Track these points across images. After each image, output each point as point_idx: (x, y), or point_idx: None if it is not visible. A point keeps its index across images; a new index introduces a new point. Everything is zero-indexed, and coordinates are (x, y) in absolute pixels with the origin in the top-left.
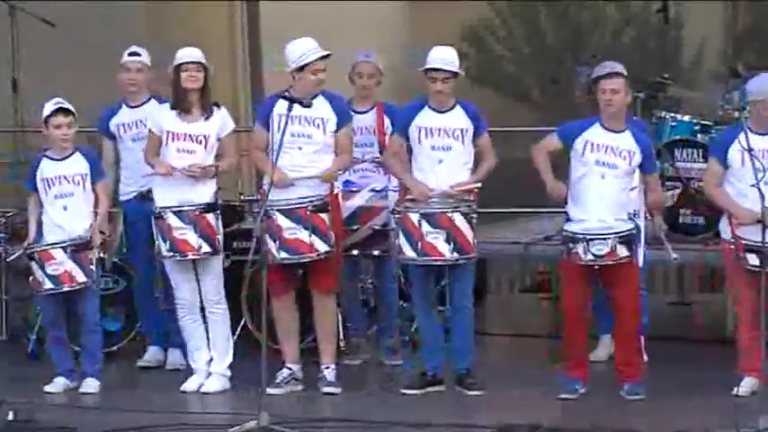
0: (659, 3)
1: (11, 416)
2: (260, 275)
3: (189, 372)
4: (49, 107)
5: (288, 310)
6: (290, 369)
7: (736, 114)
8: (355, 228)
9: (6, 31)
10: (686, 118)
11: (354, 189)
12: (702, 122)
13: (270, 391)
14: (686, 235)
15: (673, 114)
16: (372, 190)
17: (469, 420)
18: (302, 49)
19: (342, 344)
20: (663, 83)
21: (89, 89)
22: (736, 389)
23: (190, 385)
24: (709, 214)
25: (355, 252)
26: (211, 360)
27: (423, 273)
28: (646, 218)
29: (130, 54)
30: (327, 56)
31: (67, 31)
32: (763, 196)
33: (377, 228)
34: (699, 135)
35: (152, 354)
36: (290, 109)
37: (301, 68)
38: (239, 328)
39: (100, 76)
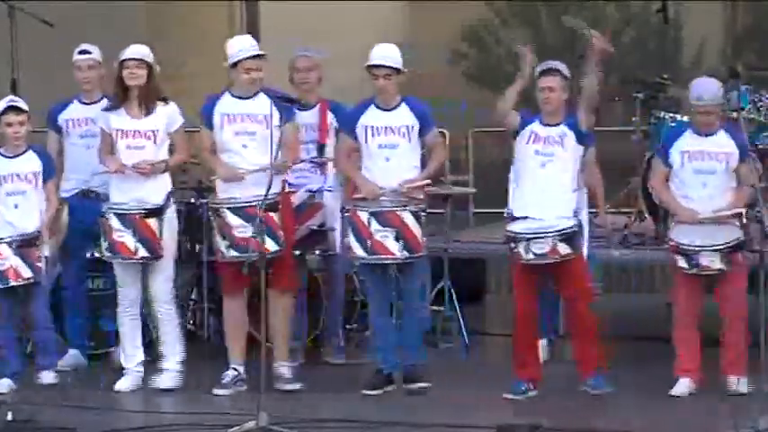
0: (659, 3)
1: (10, 416)
2: (258, 276)
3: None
4: (1, 105)
5: (238, 310)
6: (235, 370)
7: (734, 115)
8: (295, 227)
9: (5, 31)
10: (685, 118)
11: (292, 189)
12: None
13: (216, 392)
14: None
15: (672, 115)
16: (309, 190)
17: (469, 420)
18: (237, 47)
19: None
20: (662, 83)
21: None
22: (672, 390)
23: (123, 385)
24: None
25: (297, 252)
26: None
27: (375, 273)
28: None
29: (81, 52)
30: (261, 56)
31: (67, 31)
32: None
33: (315, 227)
34: None
35: (73, 356)
36: (283, 109)
37: (235, 65)
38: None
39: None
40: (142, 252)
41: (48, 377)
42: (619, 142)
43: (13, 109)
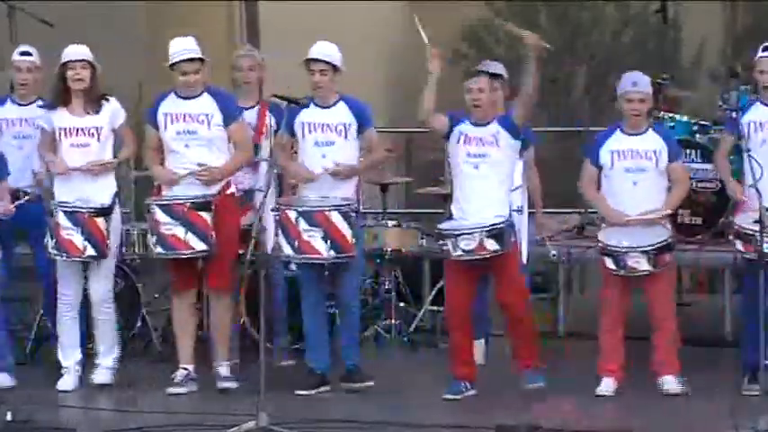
0: (658, 3)
1: (9, 416)
2: (258, 275)
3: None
4: None
5: (185, 309)
6: (185, 369)
7: (734, 115)
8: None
9: (5, 31)
10: (685, 118)
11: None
12: (701, 123)
13: (170, 390)
14: (685, 235)
15: (672, 115)
16: (240, 190)
17: (468, 420)
18: (173, 49)
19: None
20: (662, 83)
21: None
22: (597, 389)
23: (65, 384)
24: (707, 215)
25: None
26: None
27: (308, 272)
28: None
29: (21, 54)
30: (198, 59)
31: (68, 31)
32: (760, 195)
33: (244, 227)
34: (697, 135)
35: None
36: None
37: (172, 67)
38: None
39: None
40: (90, 251)
41: (4, 381)
42: None
43: None
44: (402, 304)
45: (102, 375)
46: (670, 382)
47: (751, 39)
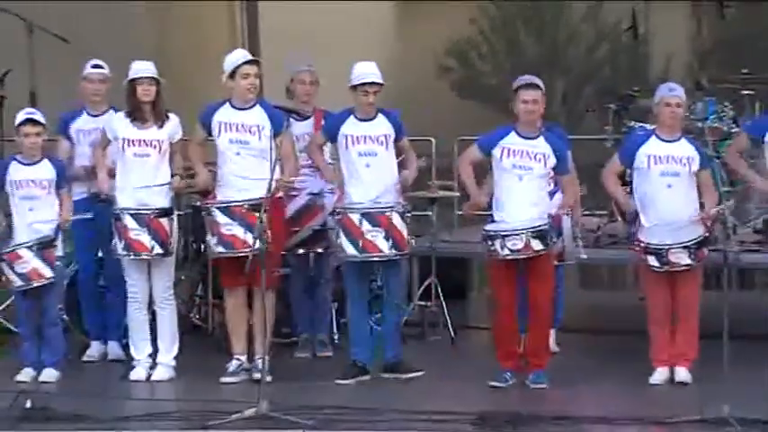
0: (629, 21)
1: (28, 404)
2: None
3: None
4: (20, 116)
5: (237, 304)
6: (238, 360)
7: (700, 124)
8: (297, 229)
9: (25, 47)
10: (654, 127)
11: (294, 193)
12: None
13: (223, 380)
14: None
15: (642, 125)
16: (310, 193)
17: (453, 408)
18: (233, 57)
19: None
20: (633, 95)
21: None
22: (651, 378)
23: (138, 375)
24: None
25: (300, 251)
26: (155, 352)
27: (360, 271)
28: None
29: (93, 66)
30: (256, 62)
31: (84, 46)
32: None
33: (316, 228)
34: None
35: (95, 348)
36: (287, 120)
37: (233, 75)
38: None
39: (113, 87)
40: (157, 249)
41: (50, 375)
42: (593, 149)
43: (30, 121)
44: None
45: (161, 373)
46: (684, 374)
47: (714, 54)
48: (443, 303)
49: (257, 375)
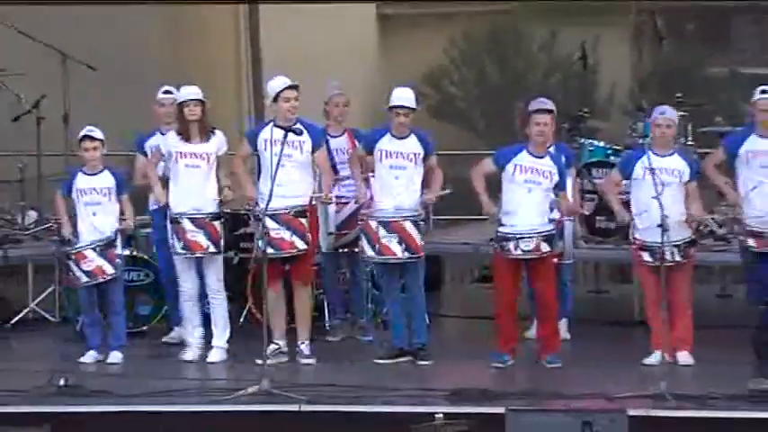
0: (580, 52)
1: (62, 382)
2: (261, 269)
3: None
4: (81, 133)
5: (277, 297)
6: (276, 344)
7: (640, 141)
8: (345, 232)
9: (59, 75)
10: (601, 144)
11: (344, 201)
12: (614, 147)
13: (261, 362)
14: (602, 237)
15: (591, 141)
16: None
17: (429, 385)
18: (276, 84)
19: (326, 325)
20: (583, 116)
21: (128, 119)
22: (646, 359)
23: (189, 356)
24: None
25: (346, 249)
26: (206, 336)
27: (386, 269)
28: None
29: (165, 92)
30: (296, 86)
31: (112, 73)
32: (662, 206)
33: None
34: (611, 157)
35: (177, 332)
36: (285, 136)
37: (276, 99)
38: (245, 312)
39: (137, 107)
40: (212, 248)
41: (115, 357)
42: None
43: (88, 137)
44: (376, 292)
45: (216, 354)
46: (685, 357)
47: (653, 80)
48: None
49: (305, 360)
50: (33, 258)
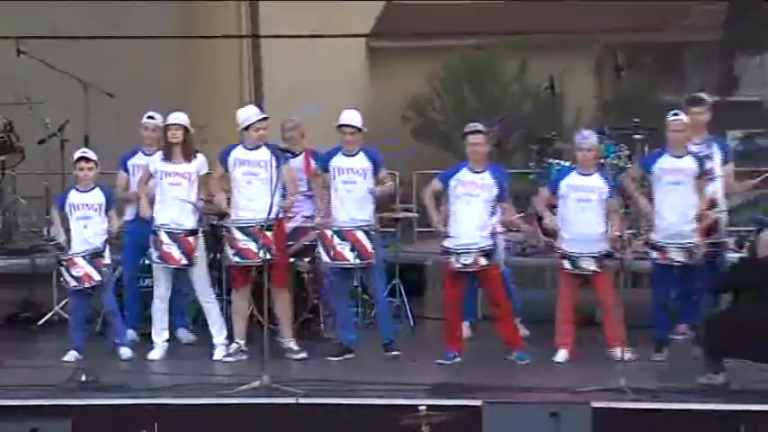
0: (548, 82)
1: (84, 377)
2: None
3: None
4: (76, 154)
5: (241, 300)
6: (238, 343)
7: (602, 161)
8: (291, 243)
9: (81, 102)
10: (567, 163)
11: (290, 215)
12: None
13: (224, 359)
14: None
15: (558, 161)
16: (303, 216)
17: (413, 380)
18: (246, 114)
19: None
20: (551, 139)
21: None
22: (554, 357)
23: (153, 355)
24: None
25: (292, 259)
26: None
27: (339, 273)
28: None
29: (148, 117)
30: (265, 118)
31: (126, 99)
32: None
33: (307, 243)
34: None
35: (181, 334)
36: (279, 156)
37: (247, 128)
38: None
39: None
40: (184, 261)
41: (125, 353)
42: (520, 180)
43: (83, 158)
44: (366, 296)
45: (220, 351)
46: (617, 351)
47: (613, 107)
48: (405, 299)
49: (293, 356)
50: (57, 266)
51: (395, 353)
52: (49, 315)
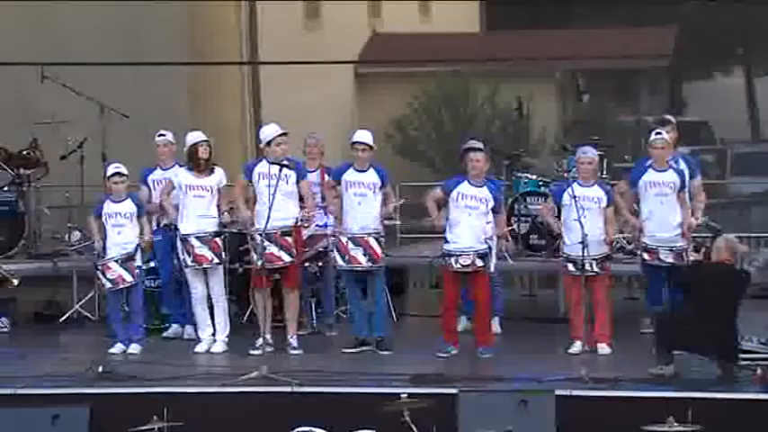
0: (516, 104)
1: (101, 369)
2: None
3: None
4: (110, 170)
5: (263, 299)
6: (263, 338)
7: (566, 175)
8: (307, 249)
9: (98, 122)
10: (534, 177)
11: (306, 224)
12: (544, 180)
13: (251, 352)
14: (533, 251)
15: (525, 175)
16: (317, 225)
17: (395, 371)
18: (269, 131)
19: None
20: (519, 155)
21: (153, 157)
22: (569, 349)
23: (200, 348)
24: (547, 238)
25: (307, 264)
26: (214, 332)
27: (352, 275)
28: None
29: (159, 135)
30: (285, 134)
31: (141, 120)
32: (583, 227)
33: (320, 249)
34: (542, 188)
35: (174, 329)
36: (280, 170)
37: (269, 143)
38: (248, 312)
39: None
40: (216, 260)
41: (135, 348)
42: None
43: (117, 174)
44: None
45: (219, 347)
46: (605, 347)
47: (575, 126)
48: (389, 297)
49: (294, 352)
50: (77, 269)
51: (386, 352)
52: (69, 313)
